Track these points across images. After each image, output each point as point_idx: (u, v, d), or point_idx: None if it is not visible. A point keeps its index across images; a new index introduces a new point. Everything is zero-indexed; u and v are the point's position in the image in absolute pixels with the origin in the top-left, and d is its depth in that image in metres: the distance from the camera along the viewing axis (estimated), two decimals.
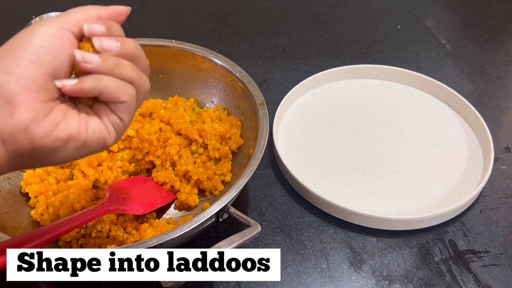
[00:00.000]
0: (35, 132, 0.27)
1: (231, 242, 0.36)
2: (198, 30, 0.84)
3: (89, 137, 0.29)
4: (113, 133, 0.31)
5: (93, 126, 0.30)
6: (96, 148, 0.30)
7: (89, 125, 0.30)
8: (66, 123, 0.28)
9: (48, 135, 0.27)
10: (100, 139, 0.30)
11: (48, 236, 0.37)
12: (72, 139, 0.29)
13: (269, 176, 0.57)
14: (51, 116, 0.28)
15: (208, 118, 0.55)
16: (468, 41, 0.80)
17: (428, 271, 0.46)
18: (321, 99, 0.67)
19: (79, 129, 0.29)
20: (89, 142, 0.30)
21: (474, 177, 0.55)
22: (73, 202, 0.47)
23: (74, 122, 0.29)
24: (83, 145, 0.29)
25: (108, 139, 0.31)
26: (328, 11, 0.89)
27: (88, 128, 0.29)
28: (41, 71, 0.27)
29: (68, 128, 0.28)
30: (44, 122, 0.27)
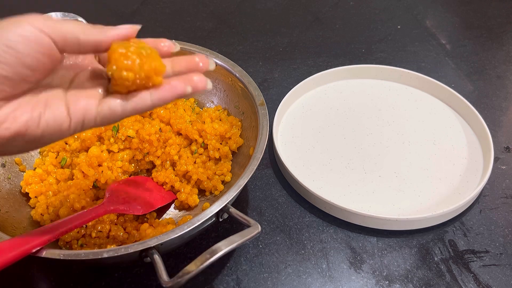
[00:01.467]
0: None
1: (231, 242, 0.36)
2: (198, 30, 0.84)
3: (40, 131, 0.28)
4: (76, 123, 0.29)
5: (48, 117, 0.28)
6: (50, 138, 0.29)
7: (42, 117, 0.28)
8: (13, 119, 0.27)
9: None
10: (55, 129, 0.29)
11: (48, 236, 0.37)
12: (19, 136, 0.28)
13: (269, 176, 0.57)
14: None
15: (208, 118, 0.55)
16: (468, 41, 0.80)
17: (428, 271, 0.46)
18: (321, 99, 0.67)
19: (28, 125, 0.28)
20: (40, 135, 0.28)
21: (474, 177, 0.55)
22: (73, 202, 0.47)
23: (23, 117, 0.27)
24: (34, 140, 0.28)
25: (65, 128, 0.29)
26: (328, 11, 0.89)
27: (40, 121, 0.28)
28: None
29: (14, 124, 0.27)
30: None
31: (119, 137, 0.52)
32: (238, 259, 0.48)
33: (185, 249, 0.48)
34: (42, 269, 0.47)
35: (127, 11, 0.89)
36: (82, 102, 0.29)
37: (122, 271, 0.46)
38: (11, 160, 0.51)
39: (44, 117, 0.28)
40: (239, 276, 0.46)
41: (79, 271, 0.47)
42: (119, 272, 0.46)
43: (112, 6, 0.90)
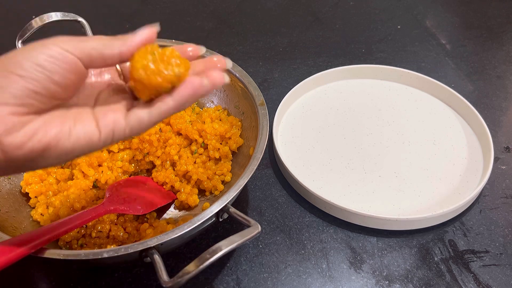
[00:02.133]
0: (7, 144, 0.27)
1: (231, 242, 0.36)
2: (198, 30, 0.84)
3: (71, 144, 0.29)
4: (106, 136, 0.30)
5: (78, 131, 0.29)
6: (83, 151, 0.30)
7: (73, 131, 0.29)
8: (44, 132, 0.28)
9: (21, 147, 0.27)
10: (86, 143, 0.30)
11: (48, 236, 0.37)
12: (51, 149, 0.28)
13: (269, 176, 0.57)
14: (27, 128, 0.28)
15: (208, 118, 0.55)
16: (468, 41, 0.80)
17: (428, 271, 0.46)
18: (321, 99, 0.67)
19: (59, 137, 0.28)
20: (71, 148, 0.29)
21: (474, 177, 0.55)
22: (73, 202, 0.47)
23: (54, 130, 0.28)
24: (65, 153, 0.29)
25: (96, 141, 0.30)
26: (328, 11, 0.89)
27: (70, 134, 0.29)
28: (28, 88, 0.27)
29: (45, 137, 0.28)
30: (17, 134, 0.27)
31: None
32: (238, 259, 0.48)
33: (185, 249, 0.48)
34: (42, 269, 0.47)
35: (127, 11, 0.89)
36: (110, 116, 0.31)
37: (122, 271, 0.46)
38: None
39: (74, 130, 0.29)
40: (239, 276, 0.46)
41: (79, 271, 0.47)
42: (119, 272, 0.46)
43: (112, 6, 0.91)
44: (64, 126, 0.29)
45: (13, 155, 0.27)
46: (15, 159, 0.28)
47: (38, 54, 0.28)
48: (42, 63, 0.28)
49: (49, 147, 0.28)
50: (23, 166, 0.29)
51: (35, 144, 0.28)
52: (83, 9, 0.88)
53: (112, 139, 0.31)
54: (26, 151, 0.28)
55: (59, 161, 0.30)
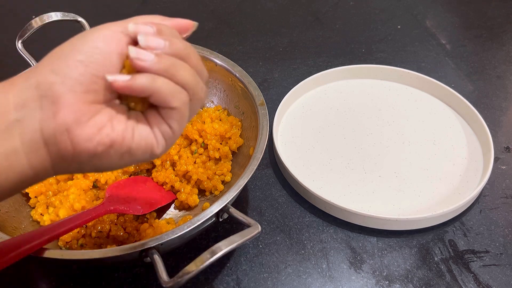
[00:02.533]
0: (77, 134, 0.26)
1: (231, 242, 0.36)
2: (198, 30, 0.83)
3: (134, 144, 0.28)
4: (161, 142, 0.29)
5: (141, 133, 0.28)
6: (143, 156, 0.29)
7: (136, 131, 0.28)
8: (111, 127, 0.27)
9: (90, 139, 0.26)
10: (147, 147, 0.29)
11: (48, 236, 0.37)
12: (116, 145, 0.27)
13: (269, 176, 0.57)
14: (95, 119, 0.27)
15: (208, 118, 0.55)
16: (468, 41, 0.80)
17: (428, 271, 0.46)
18: (321, 99, 0.67)
19: (124, 135, 0.27)
20: (135, 149, 0.28)
21: (474, 177, 0.55)
22: (73, 202, 0.47)
23: (119, 127, 0.27)
24: (128, 152, 0.28)
25: (155, 148, 0.29)
26: (328, 11, 0.89)
27: (134, 134, 0.28)
28: (90, 72, 0.26)
29: (112, 132, 0.27)
30: (87, 125, 0.26)
31: None
32: (238, 259, 0.48)
33: (185, 249, 0.48)
34: (42, 269, 0.47)
35: (127, 11, 0.89)
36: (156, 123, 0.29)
37: (122, 271, 0.46)
38: None
39: (137, 131, 0.28)
40: (239, 276, 0.46)
41: (79, 271, 0.47)
42: (119, 272, 0.46)
43: (112, 6, 0.90)
44: (128, 125, 0.28)
45: (81, 148, 0.26)
46: (82, 152, 0.26)
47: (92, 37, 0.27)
48: (98, 44, 0.27)
49: (115, 143, 0.27)
50: (87, 163, 0.27)
51: (103, 138, 0.27)
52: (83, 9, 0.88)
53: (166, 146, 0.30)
54: (94, 144, 0.26)
55: (121, 163, 0.28)
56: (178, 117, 0.29)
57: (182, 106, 0.29)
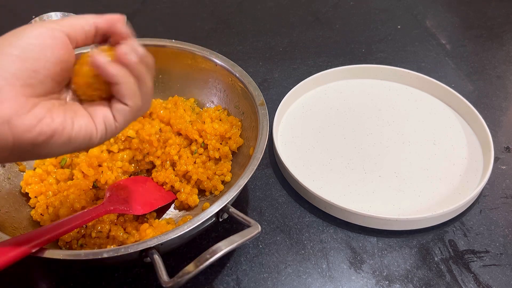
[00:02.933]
0: (18, 125, 0.27)
1: (231, 242, 0.36)
2: (198, 30, 0.84)
3: (74, 133, 0.30)
4: (101, 132, 0.32)
5: (80, 122, 0.30)
6: (82, 145, 0.31)
7: (75, 121, 0.30)
8: (50, 118, 0.29)
9: (30, 130, 0.28)
10: (86, 135, 0.31)
11: (48, 236, 0.37)
12: (57, 135, 0.29)
13: (269, 176, 0.57)
14: (35, 111, 0.28)
15: (208, 118, 0.55)
16: (468, 41, 0.80)
17: (428, 271, 0.46)
18: (321, 99, 0.67)
19: (64, 125, 0.29)
20: (74, 138, 0.30)
21: (474, 177, 0.55)
22: (73, 202, 0.47)
23: (59, 118, 0.29)
24: (68, 141, 0.30)
25: (94, 136, 0.31)
26: (328, 11, 0.89)
27: (74, 124, 0.30)
28: (26, 67, 0.28)
29: (52, 123, 0.29)
30: (27, 116, 0.28)
31: (119, 137, 0.52)
32: (238, 259, 0.48)
33: (185, 249, 0.48)
34: (42, 269, 0.47)
35: (127, 11, 0.89)
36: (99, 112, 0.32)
37: (122, 271, 0.46)
38: None
39: (76, 122, 0.30)
40: (239, 276, 0.46)
41: (79, 271, 0.47)
42: (119, 272, 0.46)
43: (112, 6, 0.90)
44: (67, 115, 0.30)
45: (22, 138, 0.28)
46: (23, 142, 0.28)
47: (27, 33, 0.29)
48: (33, 40, 0.29)
49: (56, 133, 0.29)
50: (28, 152, 0.29)
51: (43, 128, 0.28)
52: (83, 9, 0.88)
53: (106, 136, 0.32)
54: (35, 135, 0.28)
55: (61, 151, 0.30)
56: (126, 114, 0.32)
57: (134, 106, 0.32)
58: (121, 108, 0.32)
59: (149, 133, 0.51)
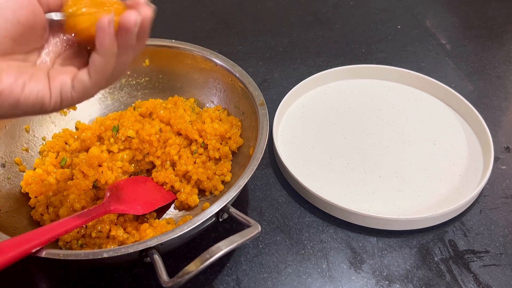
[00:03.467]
0: None
1: (231, 242, 0.36)
2: (198, 30, 0.84)
3: (23, 97, 0.29)
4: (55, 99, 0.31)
5: (32, 87, 0.30)
6: (32, 110, 0.30)
7: (27, 85, 0.29)
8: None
9: None
10: (36, 102, 0.30)
11: (48, 236, 0.37)
12: (3, 96, 0.28)
13: (269, 176, 0.57)
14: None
15: (208, 118, 0.55)
16: (468, 41, 0.80)
17: (428, 271, 0.46)
18: (321, 99, 0.67)
19: (13, 87, 0.29)
20: (23, 102, 0.29)
21: (474, 177, 0.55)
22: (73, 202, 0.47)
23: (8, 79, 0.29)
24: (16, 104, 0.29)
25: (46, 104, 0.30)
26: (328, 11, 0.89)
27: (24, 88, 0.29)
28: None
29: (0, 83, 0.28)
30: None
31: (119, 137, 0.52)
32: (238, 259, 0.48)
33: (185, 249, 0.48)
34: (42, 269, 0.47)
35: None
36: (59, 78, 0.31)
37: (122, 271, 0.46)
38: (11, 160, 0.51)
39: (28, 86, 0.30)
40: (239, 276, 0.46)
41: (79, 271, 0.47)
42: (119, 272, 0.46)
43: None
44: (19, 79, 0.29)
45: None
46: None
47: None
48: None
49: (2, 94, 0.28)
50: None
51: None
52: None
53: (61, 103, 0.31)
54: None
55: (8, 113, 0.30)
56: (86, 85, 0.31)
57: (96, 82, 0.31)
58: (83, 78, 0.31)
59: (149, 133, 0.51)
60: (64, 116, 0.58)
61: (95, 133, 0.53)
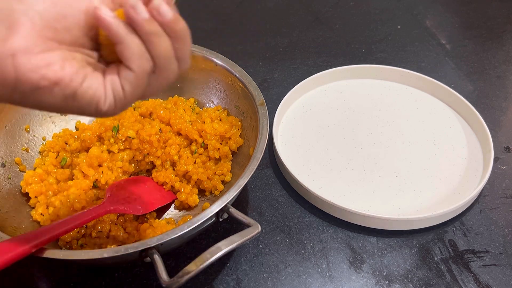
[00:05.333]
0: (22, 62, 0.26)
1: (231, 242, 0.36)
2: (198, 30, 0.83)
3: (81, 90, 0.28)
4: (110, 99, 0.29)
5: (91, 82, 0.28)
6: (88, 107, 0.29)
7: (87, 79, 0.28)
8: (61, 66, 0.27)
9: (35, 70, 0.26)
10: (93, 98, 0.28)
11: (48, 236, 0.37)
12: (62, 84, 0.27)
13: (269, 176, 0.57)
14: (46, 54, 0.27)
15: (208, 118, 0.55)
16: (468, 41, 0.80)
17: (428, 271, 0.46)
18: (321, 99, 0.67)
19: (73, 77, 0.27)
20: (80, 95, 0.28)
21: (474, 177, 0.55)
22: (73, 202, 0.47)
23: (70, 69, 0.27)
24: (73, 96, 0.28)
25: (102, 103, 0.29)
26: (328, 11, 0.89)
27: (84, 81, 0.28)
28: (56, 9, 0.27)
29: (60, 71, 0.27)
30: (36, 56, 0.26)
31: (119, 137, 0.52)
32: (238, 259, 0.48)
33: (185, 249, 0.48)
34: (42, 269, 0.47)
35: None
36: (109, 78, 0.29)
37: (122, 271, 0.46)
38: (11, 160, 0.51)
39: (88, 80, 0.28)
40: (239, 276, 0.46)
41: (79, 271, 0.47)
42: (119, 272, 0.46)
43: None
44: (80, 71, 0.28)
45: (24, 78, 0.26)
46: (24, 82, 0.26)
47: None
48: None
49: (61, 82, 0.27)
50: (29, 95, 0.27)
51: (49, 73, 0.27)
52: None
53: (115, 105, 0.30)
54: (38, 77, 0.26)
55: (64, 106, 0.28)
56: (132, 81, 0.29)
57: (140, 72, 0.29)
58: (126, 74, 0.29)
59: (149, 133, 0.51)
60: (64, 116, 0.58)
61: (95, 133, 0.53)
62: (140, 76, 0.29)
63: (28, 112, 0.55)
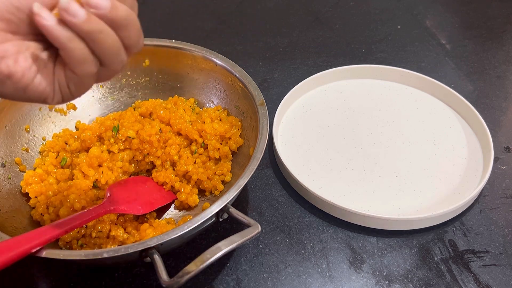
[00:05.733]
0: None
1: (231, 242, 0.36)
2: (198, 30, 0.84)
3: (32, 86, 0.28)
4: (57, 95, 0.30)
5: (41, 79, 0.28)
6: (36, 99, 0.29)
7: (38, 76, 0.28)
8: (14, 60, 0.27)
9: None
10: (42, 94, 0.29)
11: (48, 236, 0.37)
12: (14, 79, 0.27)
13: (269, 176, 0.57)
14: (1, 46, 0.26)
15: (208, 118, 0.55)
16: (468, 41, 0.80)
17: (428, 271, 0.46)
18: (321, 99, 0.67)
19: (25, 73, 0.27)
20: (30, 90, 0.28)
21: (474, 177, 0.55)
22: (73, 202, 0.47)
23: (24, 64, 0.27)
24: (23, 90, 0.28)
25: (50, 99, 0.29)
26: (328, 11, 0.89)
27: (36, 78, 0.28)
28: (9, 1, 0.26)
29: (13, 66, 0.27)
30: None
31: (119, 137, 0.52)
32: (238, 259, 0.48)
33: (185, 249, 0.48)
34: (42, 269, 0.47)
35: None
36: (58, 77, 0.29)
37: (122, 271, 0.46)
38: (11, 160, 0.51)
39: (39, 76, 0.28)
40: (239, 276, 0.46)
41: (79, 271, 0.47)
42: (119, 272, 0.46)
43: None
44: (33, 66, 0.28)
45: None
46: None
47: None
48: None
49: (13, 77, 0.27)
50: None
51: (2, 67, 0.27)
52: None
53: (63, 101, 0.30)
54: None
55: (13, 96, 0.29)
56: (77, 83, 0.29)
57: (84, 76, 0.29)
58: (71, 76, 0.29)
59: (149, 134, 0.51)
60: (64, 116, 0.58)
61: (95, 133, 0.53)
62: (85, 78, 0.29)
63: (28, 112, 0.55)
